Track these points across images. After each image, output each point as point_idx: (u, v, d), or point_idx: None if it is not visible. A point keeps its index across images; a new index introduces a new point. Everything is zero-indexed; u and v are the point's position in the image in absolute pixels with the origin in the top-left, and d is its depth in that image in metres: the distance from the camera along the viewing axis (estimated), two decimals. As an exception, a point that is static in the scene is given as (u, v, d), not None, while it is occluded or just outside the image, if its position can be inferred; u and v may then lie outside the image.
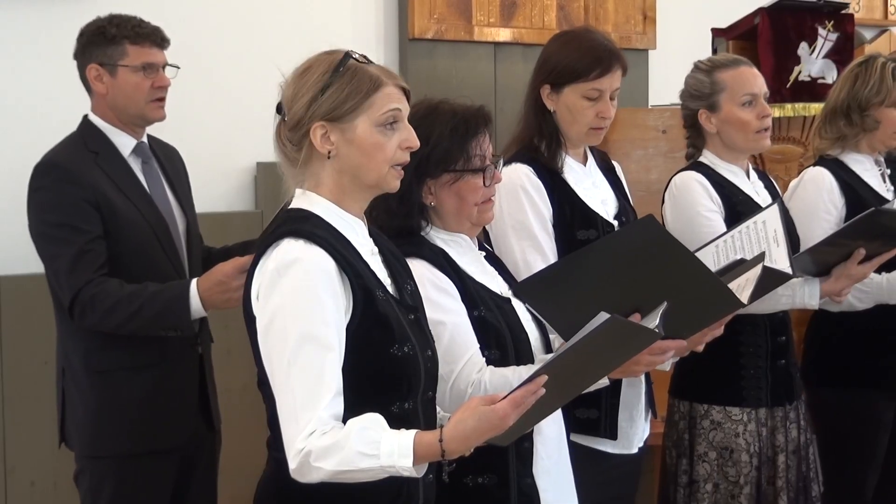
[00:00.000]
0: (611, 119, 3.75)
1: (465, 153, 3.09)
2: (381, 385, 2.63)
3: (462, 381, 2.99)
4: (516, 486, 3.08)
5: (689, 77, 4.14)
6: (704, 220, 3.93)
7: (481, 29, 6.45)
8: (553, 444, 3.23)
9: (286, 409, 2.53)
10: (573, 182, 3.73)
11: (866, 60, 4.46)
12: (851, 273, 4.00)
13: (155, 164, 3.98)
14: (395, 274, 2.79)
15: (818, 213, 4.29)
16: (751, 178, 4.15)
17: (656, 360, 3.07)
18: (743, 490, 4.00)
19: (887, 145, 4.44)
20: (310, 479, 2.51)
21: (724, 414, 4.01)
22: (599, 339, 2.51)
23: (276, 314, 2.55)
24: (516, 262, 3.58)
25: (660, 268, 2.83)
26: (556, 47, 3.80)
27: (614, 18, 6.87)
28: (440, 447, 2.48)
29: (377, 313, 2.63)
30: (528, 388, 2.48)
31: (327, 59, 2.68)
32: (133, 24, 3.88)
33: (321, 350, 2.52)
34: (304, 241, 2.59)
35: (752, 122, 4.02)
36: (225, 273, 3.60)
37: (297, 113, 2.65)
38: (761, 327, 4.03)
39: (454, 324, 3.02)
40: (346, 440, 2.46)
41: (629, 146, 5.33)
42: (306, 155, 2.68)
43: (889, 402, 4.42)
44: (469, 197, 3.12)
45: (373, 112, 2.65)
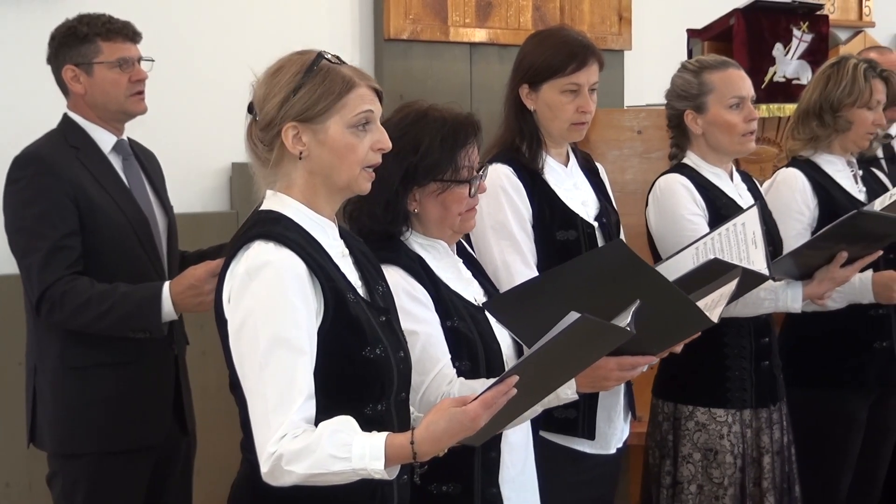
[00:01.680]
0: (591, 113, 3.75)
1: (453, 164, 3.08)
2: (353, 387, 2.62)
3: (431, 394, 2.98)
4: (480, 496, 3.08)
5: (677, 77, 4.14)
6: (688, 224, 3.92)
7: (457, 29, 6.44)
8: (519, 453, 3.23)
9: (257, 413, 2.52)
10: (554, 183, 3.73)
11: (838, 61, 4.47)
12: (834, 276, 4.01)
13: (135, 161, 3.98)
14: (366, 276, 2.78)
15: (791, 213, 4.30)
16: (734, 180, 4.15)
17: (626, 375, 3.07)
18: (727, 491, 4.00)
19: (859, 146, 4.45)
20: (282, 483, 2.50)
21: (709, 415, 4.02)
22: (570, 339, 2.50)
23: (247, 317, 2.54)
24: (495, 262, 3.59)
25: (630, 289, 2.82)
26: (531, 46, 3.81)
27: (590, 19, 6.86)
28: (412, 449, 2.48)
29: (348, 316, 2.62)
30: (499, 388, 2.48)
31: (300, 59, 2.67)
32: (103, 21, 3.88)
33: (292, 353, 2.51)
34: (275, 244, 2.58)
35: (739, 125, 4.02)
36: (197, 277, 3.59)
37: (269, 113, 2.64)
38: (745, 329, 4.03)
39: (426, 334, 3.01)
40: (318, 443, 2.46)
41: (604, 146, 5.34)
42: (277, 155, 2.67)
43: (862, 402, 4.44)
44: (454, 207, 3.11)
45: (345, 113, 2.64)
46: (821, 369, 4.40)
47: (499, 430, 2.82)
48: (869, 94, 4.36)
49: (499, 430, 2.84)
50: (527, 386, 2.53)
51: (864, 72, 4.39)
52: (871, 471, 4.57)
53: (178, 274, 3.75)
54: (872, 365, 4.40)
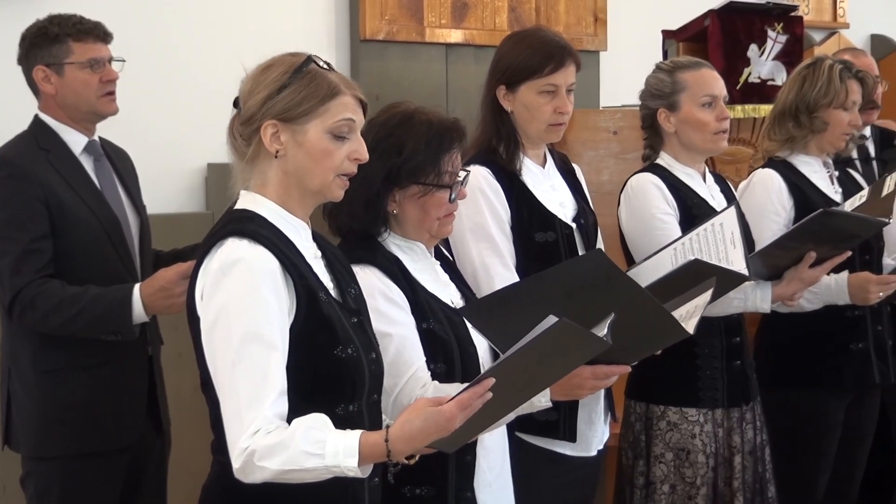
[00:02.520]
0: (569, 114, 3.75)
1: (436, 168, 3.08)
2: (325, 386, 2.62)
3: (405, 397, 2.98)
4: (454, 499, 3.08)
5: (651, 77, 4.15)
6: (659, 223, 3.93)
7: (433, 30, 6.43)
8: (496, 457, 3.23)
9: (230, 409, 2.51)
10: (531, 184, 3.73)
11: (814, 62, 4.48)
12: (803, 276, 4.01)
13: (107, 162, 3.96)
14: (338, 278, 2.78)
15: (767, 214, 4.31)
16: (707, 181, 4.16)
17: (600, 384, 3.07)
18: (700, 491, 4.01)
19: (836, 146, 4.47)
20: (253, 479, 2.49)
21: (681, 415, 4.02)
22: (548, 342, 2.50)
23: (220, 313, 2.54)
24: (474, 264, 3.58)
25: (607, 298, 2.82)
26: (508, 47, 3.81)
27: (565, 20, 6.87)
28: (386, 447, 2.48)
29: (320, 315, 2.62)
30: (476, 390, 2.47)
31: (290, 59, 2.68)
32: (74, 21, 3.86)
33: (266, 349, 2.51)
34: (249, 241, 2.58)
35: (711, 124, 4.03)
36: (167, 279, 3.58)
37: (251, 108, 2.65)
38: (716, 328, 4.04)
39: (401, 336, 3.01)
40: (291, 439, 2.45)
41: (580, 147, 5.34)
42: (254, 151, 2.67)
43: (839, 402, 4.45)
44: (433, 211, 3.11)
45: (326, 118, 2.65)
46: (797, 370, 4.41)
47: (472, 436, 2.81)
48: (845, 95, 4.37)
49: (472, 437, 2.83)
50: (503, 390, 2.52)
51: (840, 72, 4.40)
52: (847, 471, 4.59)
53: (150, 275, 3.73)
54: (849, 366, 4.41)
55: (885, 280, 4.25)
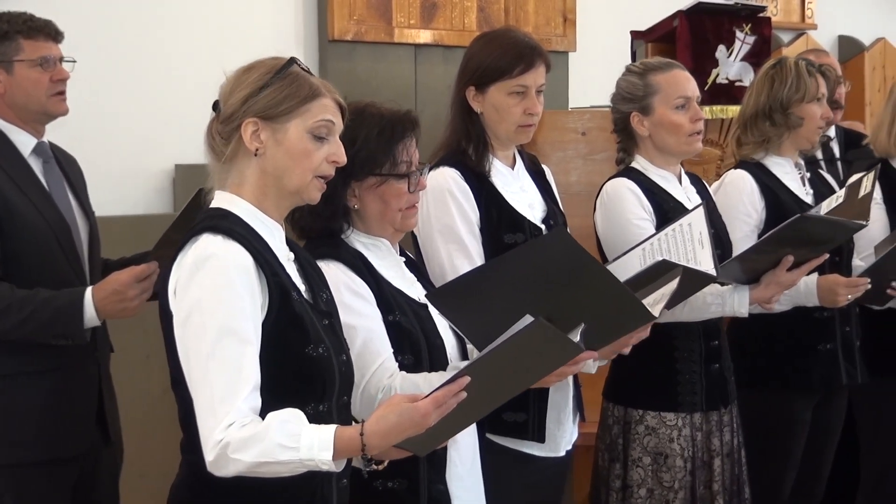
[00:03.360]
0: (538, 115, 3.74)
1: (391, 157, 3.09)
2: (295, 385, 2.62)
3: (372, 387, 2.98)
4: (427, 492, 3.08)
5: (622, 80, 4.13)
6: (635, 229, 3.91)
7: (401, 30, 6.44)
8: (467, 451, 3.23)
9: (204, 403, 2.51)
10: (500, 185, 3.73)
11: (778, 62, 4.50)
12: (781, 280, 4.01)
13: (56, 165, 3.89)
14: (310, 281, 2.79)
15: (738, 215, 4.32)
16: (682, 183, 4.15)
17: (568, 370, 3.07)
18: (677, 495, 4.00)
19: (811, 141, 4.47)
20: (227, 472, 2.49)
21: (659, 419, 4.01)
22: (523, 342, 2.51)
23: (193, 308, 2.54)
24: (443, 265, 3.58)
25: (572, 279, 2.83)
26: (478, 48, 3.80)
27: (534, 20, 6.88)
28: (361, 441, 2.49)
29: (292, 313, 2.63)
30: (451, 387, 2.49)
31: (272, 61, 2.71)
32: (24, 19, 3.80)
33: (240, 343, 2.52)
34: (223, 237, 2.59)
35: (685, 125, 4.01)
36: (121, 282, 3.55)
37: (232, 106, 2.67)
38: (694, 332, 4.03)
39: (367, 328, 3.01)
40: (266, 432, 2.46)
41: (549, 148, 5.34)
42: (233, 150, 2.68)
43: (806, 402, 4.46)
44: (393, 202, 3.11)
45: (307, 118, 2.66)
46: (766, 371, 4.42)
47: (445, 439, 2.81)
48: (815, 88, 4.39)
49: (444, 441, 2.83)
50: (478, 390, 2.53)
51: (807, 67, 4.42)
52: (814, 470, 4.60)
53: (100, 280, 3.68)
54: (816, 367, 4.42)
55: (854, 283, 4.26)
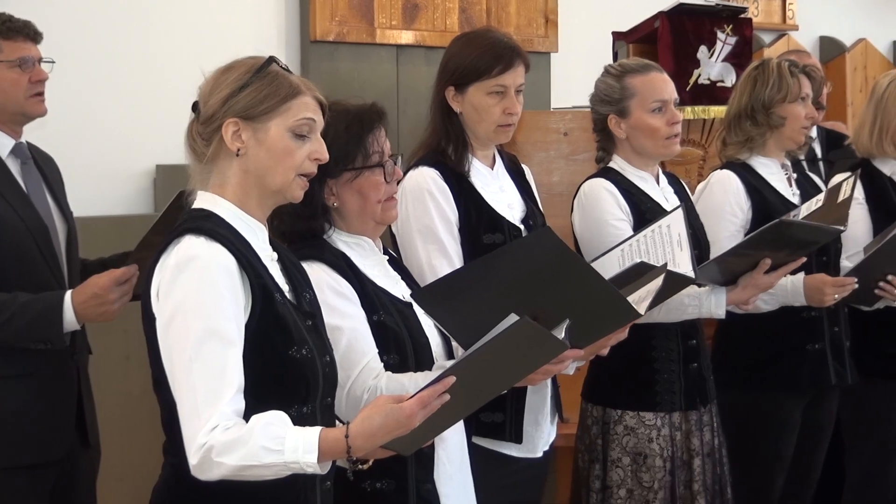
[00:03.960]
0: (518, 115, 3.74)
1: (362, 149, 3.09)
2: (279, 387, 2.61)
3: (358, 388, 2.98)
4: (415, 492, 3.07)
5: (600, 81, 4.13)
6: (612, 229, 3.92)
7: (383, 31, 6.44)
8: (455, 450, 3.23)
9: (187, 405, 2.50)
10: (480, 186, 3.73)
11: (761, 63, 4.51)
12: (758, 282, 4.02)
13: (34, 166, 3.86)
14: (293, 282, 2.78)
15: (724, 215, 4.32)
16: (660, 183, 4.15)
17: (553, 368, 3.08)
18: (657, 495, 4.00)
19: (796, 141, 4.47)
20: (211, 476, 2.48)
21: (638, 419, 4.01)
22: (508, 341, 2.51)
23: (176, 310, 2.53)
24: (422, 266, 3.57)
25: (557, 278, 2.83)
26: (457, 48, 3.80)
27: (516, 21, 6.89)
28: (346, 443, 2.48)
29: (275, 314, 2.62)
30: (436, 388, 2.48)
31: (251, 61, 2.70)
32: (3, 20, 3.79)
33: (223, 345, 2.51)
34: (206, 238, 2.57)
35: (662, 129, 4.01)
36: (100, 286, 3.53)
37: (213, 107, 2.65)
38: (672, 332, 4.03)
39: (352, 329, 3.01)
40: (250, 435, 2.45)
41: (531, 148, 5.34)
42: (214, 150, 2.67)
43: (796, 404, 4.45)
44: (371, 194, 3.11)
45: (288, 117, 2.66)
46: (754, 372, 4.42)
47: (430, 438, 2.81)
48: (798, 88, 4.39)
49: (430, 440, 2.83)
50: (463, 390, 2.53)
51: (789, 68, 4.43)
52: (804, 473, 4.59)
53: (78, 282, 3.66)
54: (805, 367, 4.42)
55: (841, 282, 4.26)
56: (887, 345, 4.70)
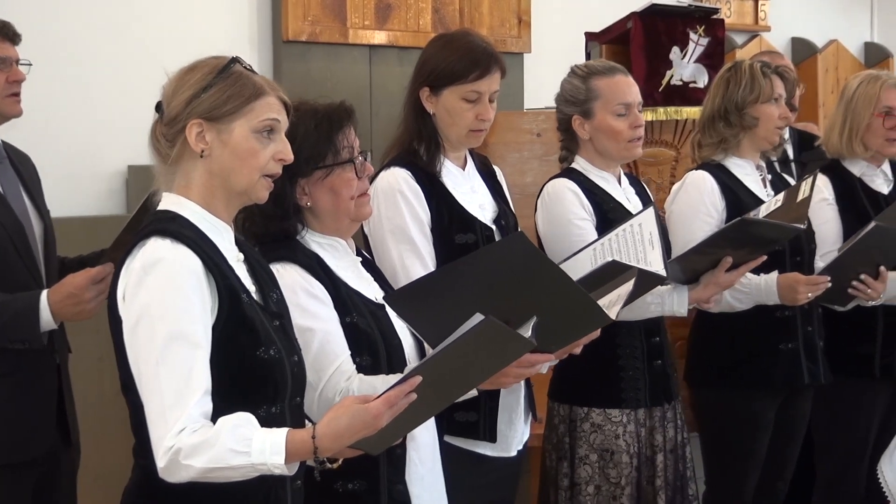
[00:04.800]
0: (490, 121, 3.75)
1: (332, 147, 3.09)
2: (247, 388, 2.61)
3: (330, 390, 2.98)
4: (387, 493, 3.08)
5: (566, 82, 4.15)
6: (576, 229, 3.94)
7: (356, 31, 6.43)
8: (427, 451, 3.23)
9: (154, 408, 2.50)
10: (451, 186, 3.73)
11: (734, 65, 4.53)
12: (719, 281, 4.04)
13: (10, 166, 3.85)
14: (260, 282, 2.77)
15: (699, 215, 4.34)
16: (622, 184, 4.17)
17: (524, 372, 3.09)
18: (625, 491, 4.02)
19: (770, 141, 4.49)
20: (179, 479, 2.48)
21: (604, 416, 4.03)
22: (474, 341, 2.51)
23: (142, 313, 2.52)
24: (394, 266, 3.58)
25: (530, 283, 2.83)
26: (434, 50, 3.79)
27: (489, 22, 6.89)
28: (313, 444, 2.48)
29: (242, 315, 2.61)
30: (402, 387, 2.49)
31: (213, 61, 2.68)
32: None
33: (189, 348, 2.50)
34: (171, 241, 2.57)
35: (625, 132, 4.03)
36: (76, 285, 3.52)
37: (176, 108, 2.64)
38: (636, 329, 4.05)
39: (324, 331, 3.00)
40: (217, 438, 2.45)
41: (504, 149, 5.35)
42: (178, 152, 2.65)
43: (769, 402, 4.47)
44: (343, 191, 3.11)
45: (251, 118, 2.65)
46: (728, 370, 4.44)
47: (398, 437, 2.81)
48: (770, 89, 4.41)
49: (398, 439, 2.83)
50: (430, 388, 2.53)
51: (762, 69, 4.45)
52: (777, 471, 4.61)
53: (56, 281, 3.65)
54: (779, 366, 4.44)
55: (814, 281, 4.29)
56: (858, 344, 4.73)
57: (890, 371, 4.74)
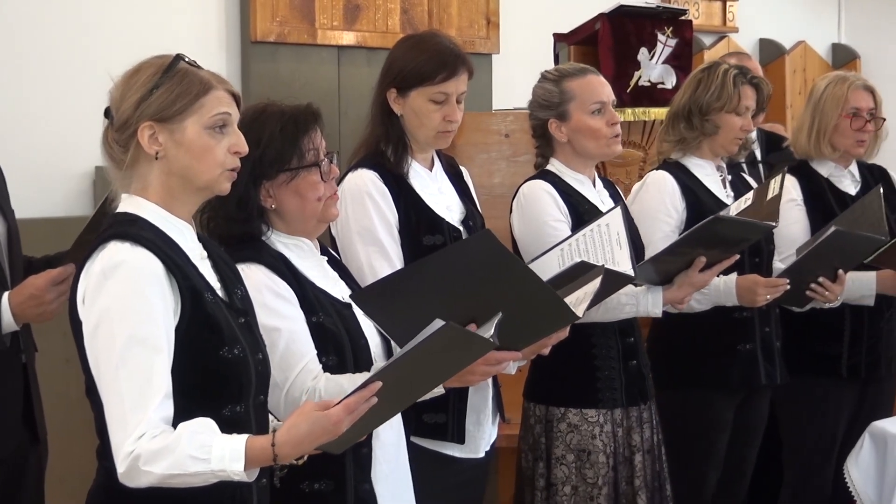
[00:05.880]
0: (458, 122, 3.75)
1: (297, 150, 3.08)
2: (211, 388, 2.61)
3: (297, 389, 2.98)
4: (353, 492, 3.08)
5: (537, 87, 4.16)
6: (551, 230, 3.94)
7: (324, 32, 6.41)
8: (392, 450, 3.23)
9: (114, 413, 2.49)
10: (419, 187, 3.73)
11: (710, 66, 4.53)
12: (693, 281, 4.05)
13: None
14: (224, 279, 2.76)
15: (659, 216, 4.35)
16: (596, 186, 4.18)
17: (491, 370, 3.10)
18: (602, 491, 4.03)
19: (728, 150, 4.51)
20: (138, 484, 2.48)
21: (581, 416, 4.04)
22: (434, 346, 2.52)
23: (102, 317, 2.52)
24: (362, 268, 3.57)
25: (497, 280, 2.84)
26: (402, 51, 3.79)
27: (458, 23, 6.89)
28: (272, 451, 2.48)
29: (205, 315, 2.61)
30: (362, 394, 2.49)
31: (157, 61, 2.66)
32: None
33: (149, 352, 2.50)
34: (131, 244, 2.56)
35: (603, 129, 4.05)
36: (37, 286, 3.50)
37: (125, 113, 2.62)
38: (611, 330, 4.07)
39: (290, 330, 3.00)
40: (177, 444, 2.45)
41: (472, 150, 5.35)
42: (133, 156, 2.64)
43: (727, 403, 4.50)
44: (309, 194, 3.10)
45: (202, 114, 2.63)
46: (686, 371, 4.46)
47: (361, 437, 2.81)
48: (737, 100, 4.42)
49: (361, 438, 2.83)
50: (391, 392, 2.54)
51: (734, 78, 4.44)
52: (737, 470, 4.64)
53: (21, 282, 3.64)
54: (736, 367, 4.46)
55: (773, 283, 4.30)
56: (825, 345, 4.76)
57: (856, 371, 4.77)
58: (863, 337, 4.76)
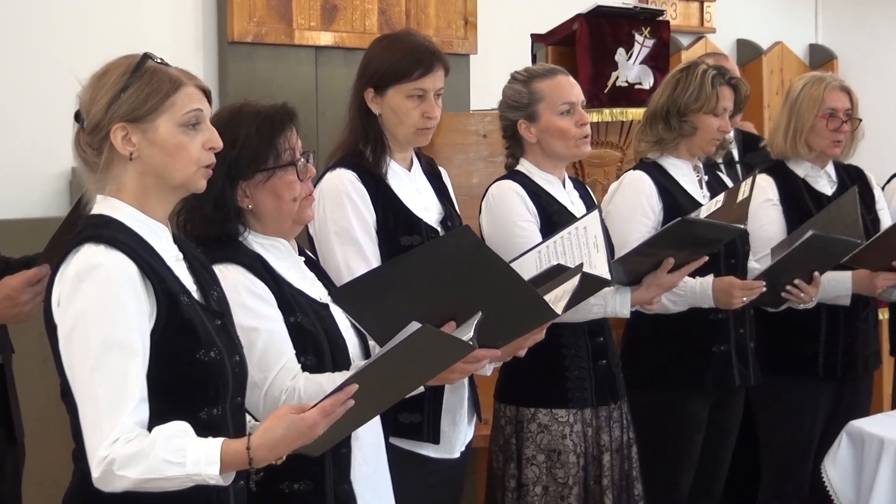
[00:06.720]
0: (437, 119, 3.76)
1: (273, 150, 3.08)
2: (188, 391, 2.60)
3: (276, 389, 2.97)
4: (333, 493, 3.08)
5: (507, 88, 4.16)
6: (519, 231, 3.95)
7: (302, 32, 6.40)
8: (371, 450, 3.23)
9: (89, 417, 2.49)
10: (397, 188, 3.73)
11: (688, 67, 4.53)
12: (661, 282, 4.06)
13: None
14: (200, 280, 2.75)
15: (636, 216, 4.36)
16: (566, 187, 4.18)
17: (470, 368, 3.11)
18: (572, 491, 4.04)
19: (705, 151, 4.52)
20: (113, 488, 2.47)
21: (551, 416, 4.04)
22: (411, 349, 2.51)
23: (77, 321, 2.51)
24: (339, 268, 3.58)
25: (476, 277, 2.84)
26: (377, 50, 3.80)
27: (435, 23, 6.89)
28: (248, 455, 2.48)
29: (181, 318, 2.60)
30: (338, 396, 2.49)
31: (125, 61, 2.65)
32: None
33: (124, 356, 2.49)
34: (105, 246, 2.55)
35: (572, 130, 4.05)
36: (12, 287, 3.48)
37: (97, 116, 2.61)
38: (580, 330, 4.07)
39: (269, 330, 3.00)
40: (152, 448, 2.44)
41: (450, 150, 5.35)
42: (107, 158, 2.63)
43: (701, 403, 4.51)
44: (285, 194, 3.10)
45: (174, 112, 2.62)
46: (661, 371, 4.47)
47: (339, 439, 2.81)
48: (715, 101, 4.42)
49: (339, 440, 2.83)
50: (368, 395, 2.54)
51: (713, 79, 4.44)
52: (712, 470, 4.64)
53: None
54: (710, 368, 4.47)
55: (749, 286, 4.31)
56: (801, 344, 4.77)
57: (833, 371, 4.78)
58: (839, 336, 4.78)
